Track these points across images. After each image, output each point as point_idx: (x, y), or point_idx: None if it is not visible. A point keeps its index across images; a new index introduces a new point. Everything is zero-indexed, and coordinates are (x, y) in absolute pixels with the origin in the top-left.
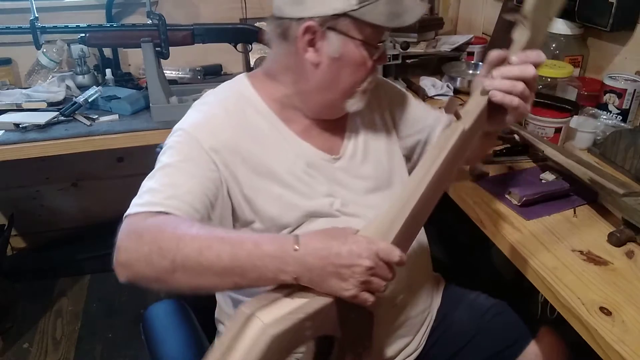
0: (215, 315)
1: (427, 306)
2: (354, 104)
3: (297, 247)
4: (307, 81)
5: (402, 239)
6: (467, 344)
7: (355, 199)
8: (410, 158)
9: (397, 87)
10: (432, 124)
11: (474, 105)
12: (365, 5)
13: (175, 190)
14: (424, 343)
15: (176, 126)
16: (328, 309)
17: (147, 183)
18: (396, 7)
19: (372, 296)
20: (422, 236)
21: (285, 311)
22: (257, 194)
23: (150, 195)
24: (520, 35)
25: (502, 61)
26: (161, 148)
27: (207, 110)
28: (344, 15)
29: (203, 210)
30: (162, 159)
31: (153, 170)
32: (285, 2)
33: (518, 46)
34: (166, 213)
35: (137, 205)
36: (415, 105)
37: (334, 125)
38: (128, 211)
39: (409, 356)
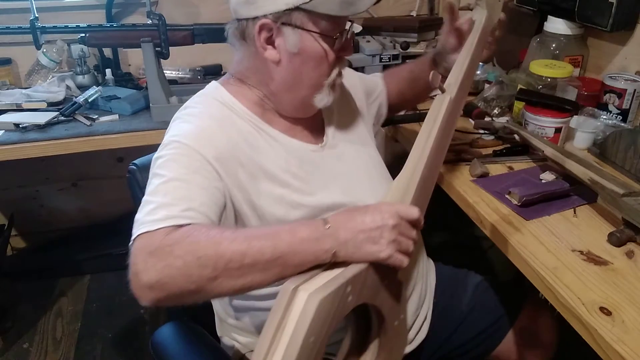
0: (217, 332)
1: (426, 289)
2: (322, 99)
3: (328, 225)
4: (273, 80)
5: (417, 204)
6: (463, 321)
7: (352, 182)
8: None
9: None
10: (381, 87)
11: (455, 76)
12: None
13: (190, 203)
14: (428, 324)
15: (168, 138)
16: (365, 275)
17: (154, 199)
18: None
19: (406, 257)
20: None
21: (326, 279)
22: (260, 198)
23: (166, 210)
24: (479, 14)
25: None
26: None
27: (196, 121)
28: (297, 9)
29: (217, 221)
30: (163, 172)
31: (153, 186)
32: (238, 2)
33: (478, 24)
34: (188, 225)
35: (152, 222)
36: (363, 77)
37: (312, 117)
38: (139, 230)
39: (417, 334)
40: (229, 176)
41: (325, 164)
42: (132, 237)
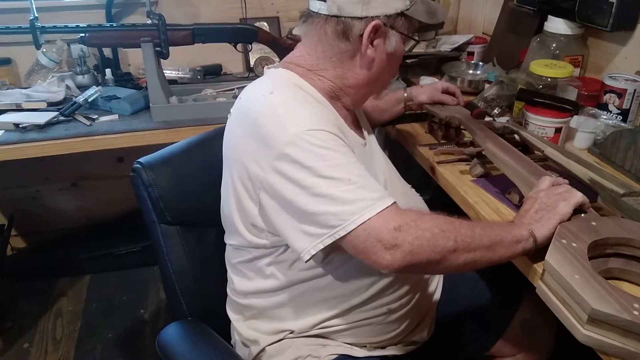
0: (232, 343)
1: (436, 285)
2: (385, 93)
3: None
4: (357, 76)
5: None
6: (470, 314)
7: (392, 179)
8: None
9: None
10: None
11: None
12: (413, 4)
13: (378, 186)
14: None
15: (298, 129)
16: None
17: (349, 187)
18: (429, 6)
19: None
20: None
21: None
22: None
23: (379, 192)
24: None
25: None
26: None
27: (301, 105)
28: (402, 14)
29: None
30: (337, 161)
31: (337, 177)
32: (348, 1)
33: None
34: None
35: (375, 201)
36: None
37: (353, 114)
38: (367, 212)
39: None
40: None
41: (371, 158)
42: (359, 222)
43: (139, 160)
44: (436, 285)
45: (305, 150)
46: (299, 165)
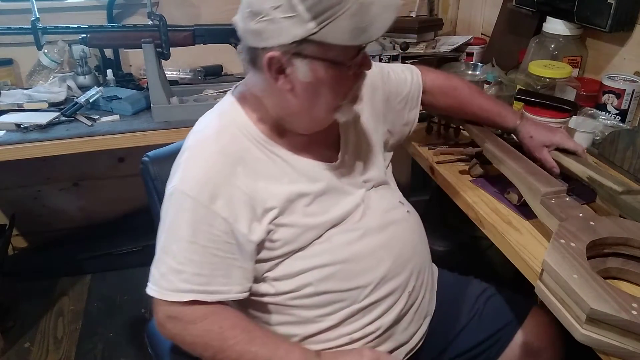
0: None
1: (430, 296)
2: (343, 115)
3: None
4: (289, 105)
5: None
6: (462, 330)
7: (365, 200)
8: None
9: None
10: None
11: None
12: (325, 26)
13: (213, 280)
14: (424, 331)
15: (175, 185)
16: None
17: (173, 262)
18: (361, 19)
19: None
20: (421, 228)
21: None
22: (273, 229)
23: (190, 283)
24: None
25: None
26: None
27: (205, 157)
28: (305, 40)
29: (247, 280)
30: (179, 233)
31: (173, 247)
32: (246, 30)
33: None
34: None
35: (175, 291)
36: (391, 79)
37: (327, 133)
38: (163, 295)
39: (417, 344)
40: (240, 219)
41: (338, 181)
42: (155, 290)
43: (147, 153)
44: (421, 313)
45: (168, 207)
46: (162, 212)
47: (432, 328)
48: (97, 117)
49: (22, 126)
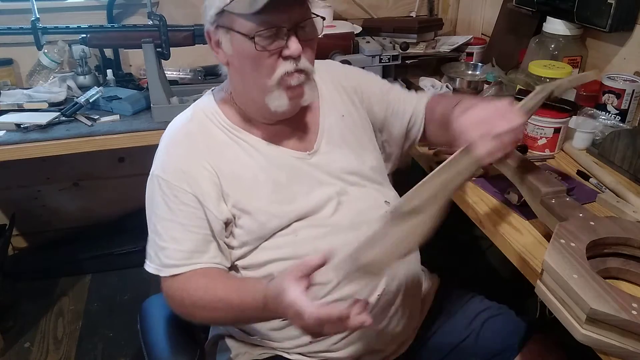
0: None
1: (413, 303)
2: (274, 100)
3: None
4: (235, 85)
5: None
6: (454, 348)
7: (341, 194)
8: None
9: (358, 70)
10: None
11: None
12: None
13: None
14: (404, 338)
15: (155, 170)
16: None
17: (161, 241)
18: None
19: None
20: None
21: None
22: (237, 213)
23: (174, 258)
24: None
25: None
26: None
27: (179, 144)
28: (223, 11)
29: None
30: (161, 214)
31: (159, 225)
32: (204, 8)
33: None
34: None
35: (166, 266)
36: (378, 82)
37: (306, 122)
38: (161, 272)
39: (395, 351)
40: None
41: (310, 172)
42: (156, 266)
43: None
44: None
45: (148, 191)
46: (145, 197)
47: (421, 337)
48: (97, 117)
49: (22, 126)
